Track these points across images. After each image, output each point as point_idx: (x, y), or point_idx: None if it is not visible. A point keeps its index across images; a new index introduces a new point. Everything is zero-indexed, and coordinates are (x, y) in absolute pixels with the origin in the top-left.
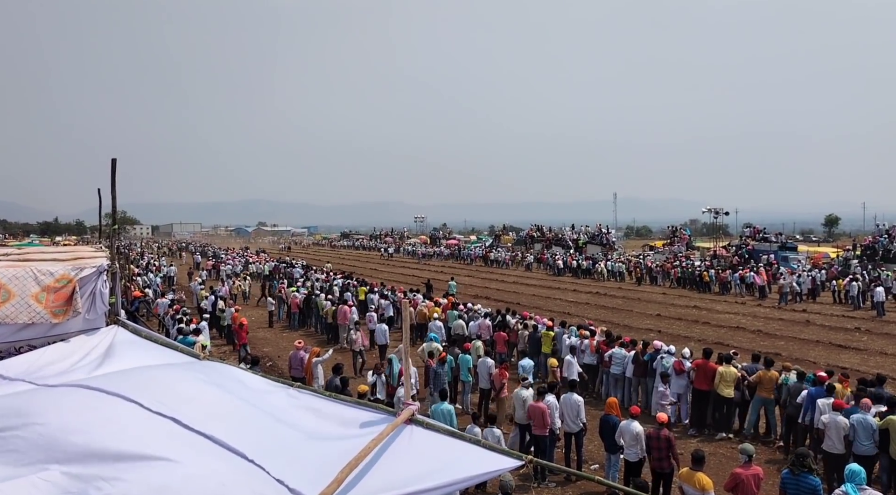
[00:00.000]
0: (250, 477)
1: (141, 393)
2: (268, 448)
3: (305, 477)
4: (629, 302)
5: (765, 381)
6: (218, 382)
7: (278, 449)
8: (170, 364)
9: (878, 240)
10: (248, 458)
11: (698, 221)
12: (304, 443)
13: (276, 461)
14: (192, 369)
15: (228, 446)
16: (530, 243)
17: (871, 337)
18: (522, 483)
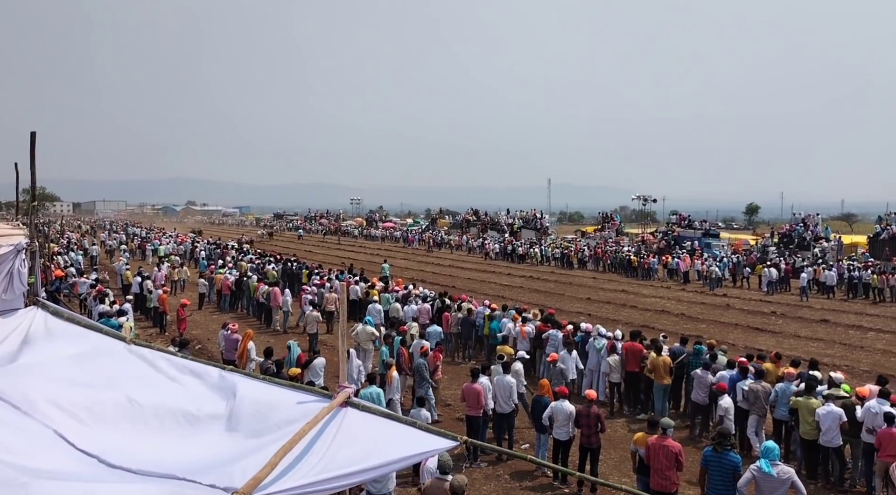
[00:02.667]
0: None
1: (57, 416)
2: (196, 456)
3: (237, 469)
4: (561, 286)
5: (658, 368)
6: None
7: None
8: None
9: (795, 229)
10: (179, 477)
11: (628, 208)
12: (236, 429)
13: (205, 467)
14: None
15: (154, 473)
16: (466, 227)
17: (785, 320)
18: (455, 463)
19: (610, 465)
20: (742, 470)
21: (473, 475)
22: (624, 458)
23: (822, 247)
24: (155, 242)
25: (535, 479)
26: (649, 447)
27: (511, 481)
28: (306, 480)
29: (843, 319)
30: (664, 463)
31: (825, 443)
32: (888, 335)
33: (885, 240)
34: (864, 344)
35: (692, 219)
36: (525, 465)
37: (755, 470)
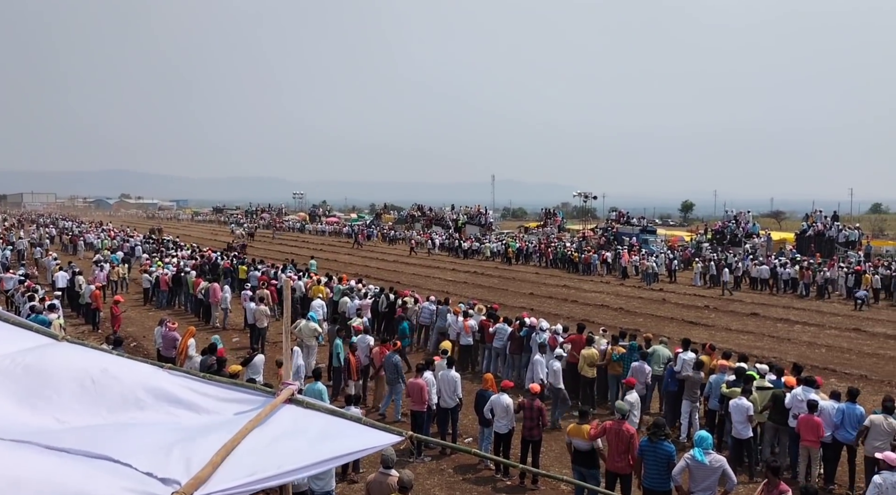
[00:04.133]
0: (114, 476)
1: None
2: (134, 442)
3: (178, 464)
4: (504, 281)
5: (587, 357)
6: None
7: (146, 440)
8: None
9: (727, 226)
10: (114, 459)
11: (569, 205)
12: (177, 429)
13: (143, 453)
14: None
15: (89, 453)
16: (411, 222)
17: (717, 314)
18: (399, 458)
19: (551, 457)
20: (676, 459)
21: (417, 470)
22: (565, 450)
23: (753, 243)
24: (89, 236)
25: (479, 472)
26: (607, 431)
27: (454, 475)
28: (248, 478)
29: (772, 313)
30: (620, 446)
31: (735, 435)
32: (813, 328)
33: (811, 237)
34: (790, 336)
35: (630, 215)
36: (468, 459)
37: (689, 459)
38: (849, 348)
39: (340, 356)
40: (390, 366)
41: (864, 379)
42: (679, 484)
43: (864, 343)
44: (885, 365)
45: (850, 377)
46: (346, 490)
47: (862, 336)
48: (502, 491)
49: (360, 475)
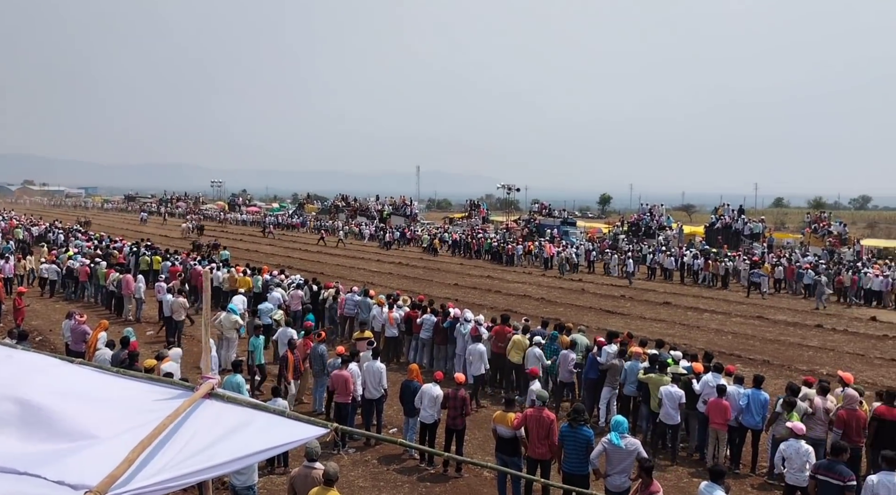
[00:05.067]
0: (23, 490)
1: None
2: (43, 449)
3: (91, 465)
4: (429, 272)
5: (517, 343)
6: None
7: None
8: None
9: (643, 218)
10: (20, 471)
11: (493, 196)
12: (87, 425)
13: (53, 461)
14: None
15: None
16: (335, 212)
17: (633, 303)
18: (323, 450)
19: (474, 445)
20: (594, 444)
21: (341, 461)
22: (487, 438)
23: (666, 235)
24: None
25: (403, 462)
26: (528, 418)
27: (379, 465)
28: (165, 475)
29: (683, 302)
30: (541, 433)
31: (665, 420)
32: (720, 316)
33: (719, 230)
34: (700, 324)
35: (552, 207)
36: (392, 449)
37: (606, 443)
38: (753, 335)
39: (257, 354)
40: (316, 358)
41: (767, 364)
42: (596, 468)
43: (766, 330)
44: (785, 350)
45: (755, 362)
46: (269, 484)
47: (765, 323)
48: (426, 480)
49: (286, 468)
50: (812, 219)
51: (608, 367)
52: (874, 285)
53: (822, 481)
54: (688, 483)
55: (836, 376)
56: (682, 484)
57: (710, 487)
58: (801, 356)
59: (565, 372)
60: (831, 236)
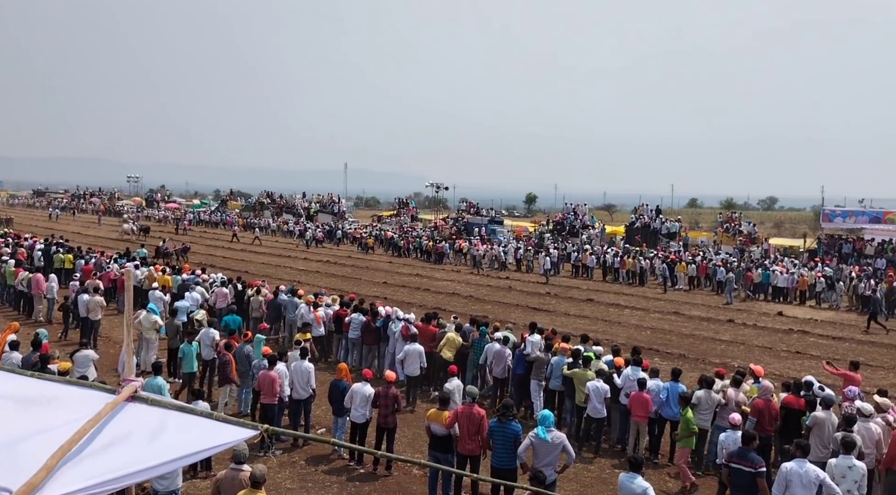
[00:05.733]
0: None
1: None
2: None
3: (8, 471)
4: (358, 270)
5: (448, 341)
6: None
7: None
8: None
9: (567, 217)
10: None
11: (422, 194)
12: (4, 431)
13: None
14: None
15: None
16: (260, 209)
17: (558, 300)
18: (249, 452)
19: (404, 443)
20: (522, 438)
21: (269, 463)
22: (417, 436)
23: (589, 233)
24: None
25: (332, 463)
26: (458, 414)
27: (307, 466)
28: (87, 482)
29: (605, 298)
30: (471, 429)
31: (592, 414)
32: (640, 312)
33: (639, 229)
34: (620, 320)
35: (480, 206)
36: (321, 450)
37: (533, 437)
38: (670, 330)
39: (188, 361)
40: (242, 358)
41: (683, 358)
42: (524, 462)
43: (682, 325)
44: (700, 344)
45: (671, 356)
46: (192, 488)
47: (681, 319)
48: (356, 480)
49: (209, 472)
50: (724, 218)
51: (534, 359)
52: (780, 282)
53: (735, 469)
54: (610, 474)
55: (747, 368)
56: (604, 476)
57: (630, 477)
58: (715, 350)
59: (499, 369)
60: (742, 235)
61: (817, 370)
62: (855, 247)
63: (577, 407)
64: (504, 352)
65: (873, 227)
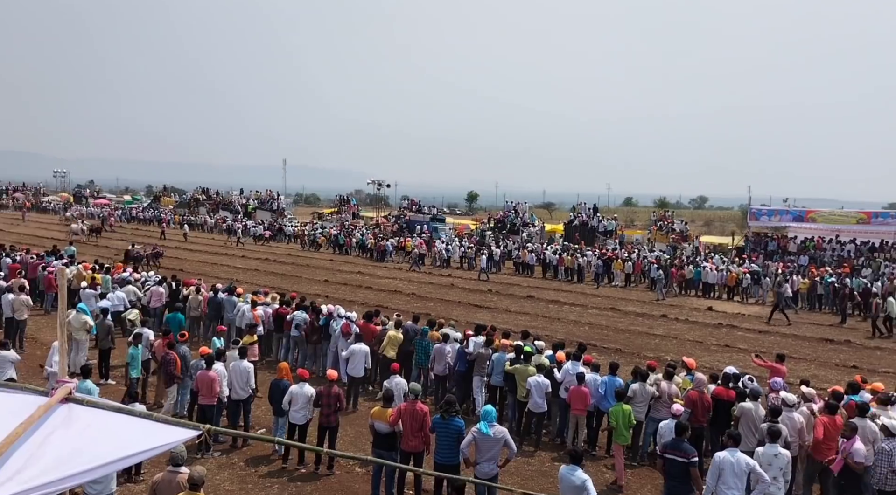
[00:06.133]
0: None
1: None
2: None
3: None
4: (298, 268)
5: (389, 340)
6: None
7: None
8: None
9: (508, 215)
10: None
11: (363, 192)
12: None
13: None
14: None
15: None
16: (195, 206)
17: (499, 297)
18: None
19: (347, 442)
20: (465, 433)
21: (206, 465)
22: (360, 434)
23: (529, 231)
24: None
25: (272, 463)
26: (402, 412)
27: (246, 467)
28: (21, 487)
29: (545, 295)
30: (415, 426)
31: (533, 409)
32: (578, 308)
33: (577, 227)
34: (560, 316)
35: (421, 204)
36: (260, 451)
37: (475, 432)
38: (607, 325)
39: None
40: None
41: (619, 352)
42: (467, 457)
43: (618, 320)
44: (635, 339)
45: (608, 350)
46: (127, 493)
47: (617, 314)
48: (297, 480)
49: (139, 477)
50: (657, 217)
51: (476, 356)
52: (710, 278)
53: (669, 459)
54: (550, 467)
55: (680, 361)
56: (544, 469)
57: (570, 469)
58: (649, 344)
59: (440, 366)
60: (674, 233)
61: (745, 362)
62: (779, 244)
63: (519, 402)
64: (444, 349)
65: (797, 226)
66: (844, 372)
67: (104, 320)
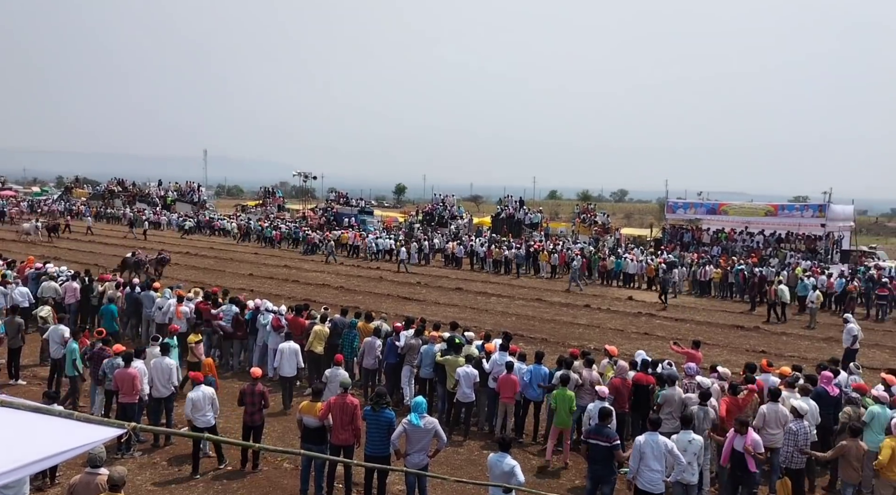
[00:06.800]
0: None
1: None
2: None
3: None
4: (221, 262)
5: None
6: None
7: None
8: None
9: (436, 208)
10: None
11: (288, 184)
12: None
13: None
14: None
15: None
16: (110, 198)
17: (428, 290)
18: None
19: (273, 438)
20: (396, 425)
21: (127, 465)
22: (287, 430)
23: (458, 224)
24: None
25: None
26: (332, 405)
27: (169, 467)
28: None
29: (473, 287)
30: (345, 419)
31: (462, 399)
32: (506, 299)
33: (504, 219)
34: (488, 307)
35: (349, 196)
36: (183, 449)
37: (406, 424)
38: (533, 316)
39: (77, 363)
40: (94, 357)
41: (545, 342)
42: (398, 448)
43: (544, 311)
44: (560, 329)
45: (535, 340)
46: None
47: (543, 305)
48: (222, 478)
49: (53, 483)
50: (581, 209)
51: (407, 347)
52: (630, 269)
53: (593, 444)
54: (479, 455)
55: (602, 349)
56: (473, 457)
57: (500, 456)
58: (573, 333)
59: (369, 360)
60: (597, 225)
61: (664, 349)
62: (694, 236)
63: (449, 393)
64: (375, 343)
65: (710, 218)
66: (754, 357)
67: (13, 318)
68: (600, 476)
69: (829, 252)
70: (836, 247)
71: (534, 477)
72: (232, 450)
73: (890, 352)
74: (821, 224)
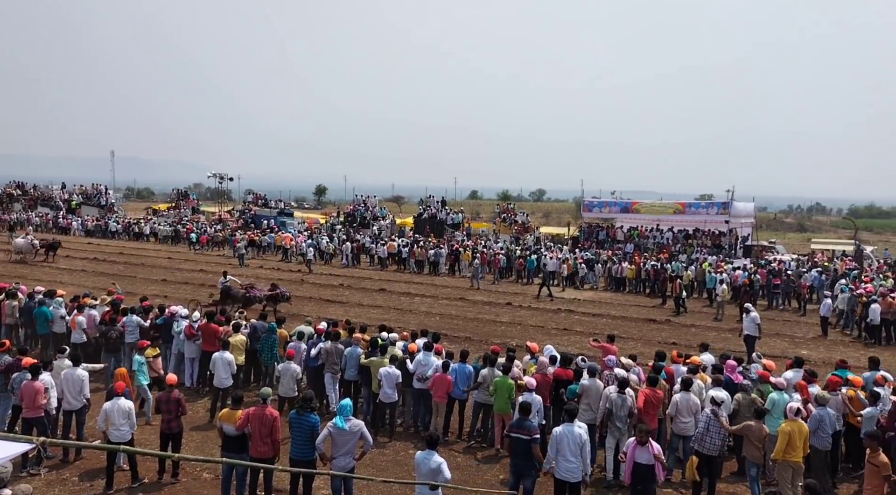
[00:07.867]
0: None
1: None
2: None
3: None
4: (132, 267)
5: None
6: None
7: None
8: None
9: (358, 209)
10: None
11: (203, 185)
12: None
13: None
14: None
15: None
16: (9, 202)
17: (351, 291)
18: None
19: (193, 447)
20: (320, 429)
21: (33, 483)
22: (207, 438)
23: (380, 225)
24: None
25: None
26: (250, 417)
27: (81, 482)
28: None
29: (396, 288)
30: (263, 431)
31: (384, 400)
32: (429, 299)
33: (426, 220)
34: (412, 308)
35: (268, 198)
36: (94, 464)
37: (331, 427)
38: (457, 315)
39: None
40: None
41: (469, 340)
42: (322, 452)
43: (467, 310)
44: (483, 327)
45: (459, 339)
46: None
47: (466, 304)
48: (138, 491)
49: None
50: (501, 209)
51: (325, 356)
52: (550, 266)
53: (514, 438)
54: (405, 456)
55: (524, 345)
56: (399, 458)
57: (427, 454)
58: (496, 331)
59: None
60: (517, 225)
61: (582, 344)
62: (609, 233)
63: (374, 394)
64: (300, 346)
65: (623, 216)
66: (666, 348)
67: None
68: (522, 468)
69: (733, 247)
70: (740, 243)
71: (459, 475)
72: (148, 462)
73: (789, 340)
74: (725, 220)
